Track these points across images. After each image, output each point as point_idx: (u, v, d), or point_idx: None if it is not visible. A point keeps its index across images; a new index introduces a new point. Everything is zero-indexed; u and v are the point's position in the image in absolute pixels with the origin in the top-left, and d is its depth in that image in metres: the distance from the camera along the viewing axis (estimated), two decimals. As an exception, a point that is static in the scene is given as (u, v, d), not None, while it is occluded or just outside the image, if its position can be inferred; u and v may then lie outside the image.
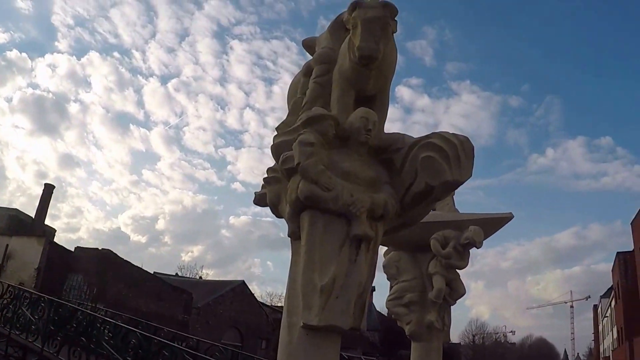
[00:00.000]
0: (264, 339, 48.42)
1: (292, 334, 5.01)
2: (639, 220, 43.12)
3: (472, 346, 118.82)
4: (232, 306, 45.48)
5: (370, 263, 5.11)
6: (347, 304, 4.84)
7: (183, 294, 39.88)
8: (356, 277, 4.90)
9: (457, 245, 9.85)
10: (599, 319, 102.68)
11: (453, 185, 5.23)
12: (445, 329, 10.40)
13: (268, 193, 5.89)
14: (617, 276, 57.03)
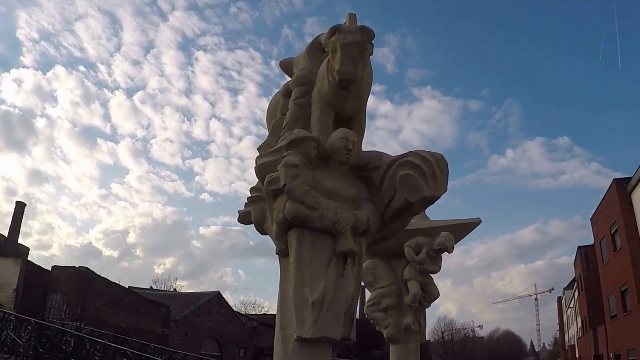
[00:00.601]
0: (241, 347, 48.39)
1: (287, 347, 5.18)
2: (597, 216, 43.92)
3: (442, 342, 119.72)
4: (210, 317, 45.32)
5: (357, 276, 5.30)
6: (337, 316, 5.03)
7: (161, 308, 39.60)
8: (344, 290, 5.10)
9: (429, 251, 10.09)
10: (563, 310, 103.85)
11: (430, 201, 5.45)
12: (421, 331, 10.63)
13: (253, 211, 6.05)
14: (579, 269, 58.10)
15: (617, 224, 38.06)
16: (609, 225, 40.10)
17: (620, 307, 39.32)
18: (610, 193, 39.36)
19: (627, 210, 36.41)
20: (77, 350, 11.60)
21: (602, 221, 42.32)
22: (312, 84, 5.74)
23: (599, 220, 43.59)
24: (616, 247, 39.31)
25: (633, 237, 35.68)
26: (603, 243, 43.15)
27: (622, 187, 37.15)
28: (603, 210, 42.10)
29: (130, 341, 13.80)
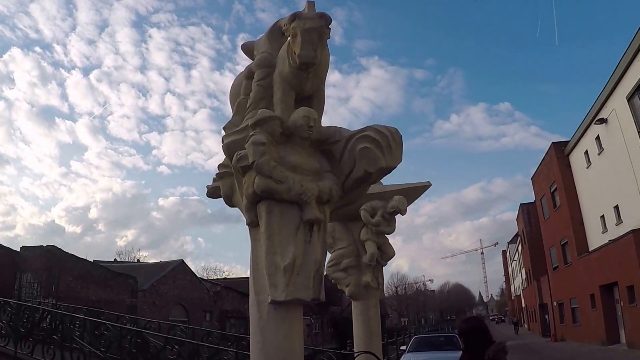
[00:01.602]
0: (207, 311, 48.61)
1: (262, 311, 5.47)
2: (538, 176, 44.77)
3: (396, 297, 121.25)
4: (175, 285, 45.35)
5: (323, 242, 5.61)
6: (307, 279, 5.33)
7: (128, 279, 39.38)
8: (312, 255, 5.40)
9: (384, 213, 10.45)
10: (508, 262, 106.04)
11: (387, 171, 5.74)
12: (380, 287, 11.01)
13: (222, 186, 6.28)
14: (522, 224, 59.40)
15: (557, 183, 38.99)
16: (549, 185, 41.04)
17: (561, 259, 40.47)
18: (550, 155, 40.16)
19: (565, 170, 37.33)
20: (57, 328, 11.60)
21: (542, 180, 43.28)
22: (274, 66, 5.92)
23: (539, 179, 44.54)
24: (556, 205, 40.31)
25: (571, 195, 36.67)
26: (544, 201, 44.12)
27: (560, 150, 37.93)
28: (543, 170, 43.05)
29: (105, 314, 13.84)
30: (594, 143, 31.90)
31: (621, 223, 29.14)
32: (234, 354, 8.98)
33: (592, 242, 34.31)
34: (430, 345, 20.89)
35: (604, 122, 29.63)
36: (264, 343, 5.39)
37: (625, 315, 27.94)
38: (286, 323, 5.41)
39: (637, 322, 26.00)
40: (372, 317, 10.86)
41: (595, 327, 32.67)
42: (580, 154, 35.02)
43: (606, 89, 28.72)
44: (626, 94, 26.23)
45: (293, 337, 5.45)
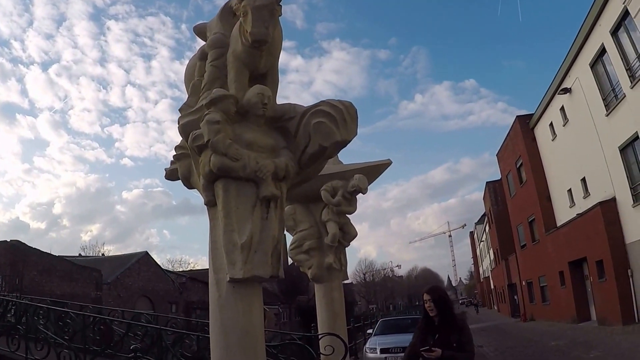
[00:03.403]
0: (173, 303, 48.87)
1: (221, 289, 5.66)
2: (503, 151, 44.99)
3: (364, 284, 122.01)
4: (140, 277, 45.62)
5: (280, 218, 5.83)
6: (265, 256, 5.55)
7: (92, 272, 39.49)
8: (269, 232, 5.61)
9: (345, 193, 10.69)
10: (476, 244, 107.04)
11: (342, 144, 5.95)
12: (343, 269, 11.26)
13: (179, 168, 6.44)
14: (489, 203, 59.87)
15: (522, 158, 39.43)
16: (515, 160, 41.48)
17: (529, 237, 41.10)
18: (514, 129, 40.56)
19: (531, 144, 37.74)
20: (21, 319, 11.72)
21: (508, 156, 43.78)
22: (226, 46, 6.08)
23: (504, 155, 45.08)
24: (522, 180, 40.80)
25: (537, 169, 37.13)
26: (509, 177, 44.69)
27: (525, 123, 38.33)
28: (508, 145, 43.49)
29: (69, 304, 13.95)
30: (559, 114, 32.25)
31: (589, 196, 29.50)
32: (196, 338, 9.13)
33: (560, 217, 34.74)
34: (396, 328, 21.26)
35: (567, 91, 29.97)
36: (222, 321, 5.59)
37: (595, 291, 28.34)
38: (245, 301, 5.61)
39: (607, 298, 26.30)
40: (335, 299, 11.10)
41: (565, 305, 33.14)
42: (545, 126, 35.38)
43: (568, 57, 29.03)
44: (589, 61, 26.57)
45: (253, 315, 5.66)
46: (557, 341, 22.97)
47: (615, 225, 25.39)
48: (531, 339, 26.24)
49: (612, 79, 24.83)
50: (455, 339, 5.61)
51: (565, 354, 18.27)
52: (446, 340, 5.58)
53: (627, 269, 24.52)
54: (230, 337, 5.54)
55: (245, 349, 5.54)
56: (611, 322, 25.48)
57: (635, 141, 23.21)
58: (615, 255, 25.00)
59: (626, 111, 23.48)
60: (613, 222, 25.43)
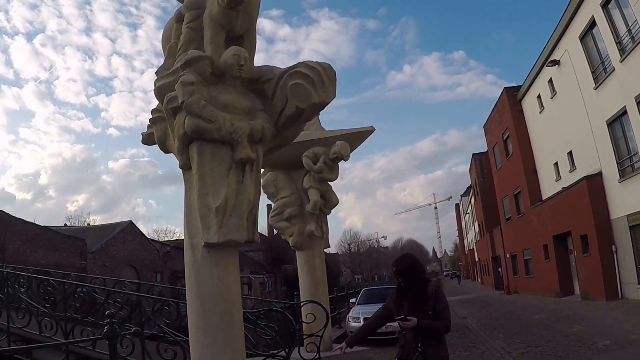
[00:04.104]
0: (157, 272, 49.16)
1: (196, 254, 5.61)
2: (490, 123, 44.90)
3: (349, 254, 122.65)
4: (124, 246, 45.88)
5: (256, 182, 5.77)
6: (240, 219, 5.49)
7: (77, 242, 39.58)
8: (245, 195, 5.55)
9: (326, 160, 10.66)
10: (461, 216, 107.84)
11: (320, 106, 5.87)
12: (324, 236, 11.28)
13: (155, 132, 6.35)
14: (475, 175, 59.98)
15: (509, 130, 39.40)
16: (501, 132, 41.43)
17: (514, 209, 41.26)
18: (501, 101, 40.41)
19: (518, 116, 37.64)
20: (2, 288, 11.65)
21: (495, 128, 43.70)
22: (203, 7, 5.95)
23: (491, 127, 45.04)
24: (508, 153, 40.82)
25: (524, 142, 37.13)
26: (496, 149, 44.67)
27: (512, 95, 38.13)
28: (495, 117, 43.40)
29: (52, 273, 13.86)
30: (547, 86, 32.12)
31: (575, 170, 29.54)
32: (175, 304, 9.10)
33: (546, 190, 34.82)
34: (379, 297, 21.32)
35: (556, 64, 29.79)
36: (198, 286, 5.56)
37: (579, 265, 28.51)
38: (221, 265, 5.56)
39: (590, 273, 26.47)
40: (317, 267, 11.14)
41: (548, 278, 33.39)
42: (532, 98, 35.25)
43: (558, 29, 28.79)
44: (578, 33, 26.41)
45: (229, 280, 5.62)
46: (540, 315, 23.00)
47: (600, 200, 25.48)
48: (514, 312, 26.37)
49: (602, 52, 24.69)
50: (430, 306, 5.56)
51: (548, 327, 18.33)
52: (421, 309, 5.53)
53: (612, 244, 24.69)
54: (206, 302, 5.51)
55: (221, 314, 5.50)
56: (594, 297, 25.70)
57: (623, 116, 23.15)
58: (600, 231, 25.13)
59: (615, 85, 23.40)
60: (598, 197, 25.53)
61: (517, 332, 18.16)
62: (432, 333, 5.51)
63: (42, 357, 10.44)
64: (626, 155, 23.61)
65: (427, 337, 5.49)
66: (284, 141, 6.36)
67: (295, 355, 9.46)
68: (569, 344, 14.23)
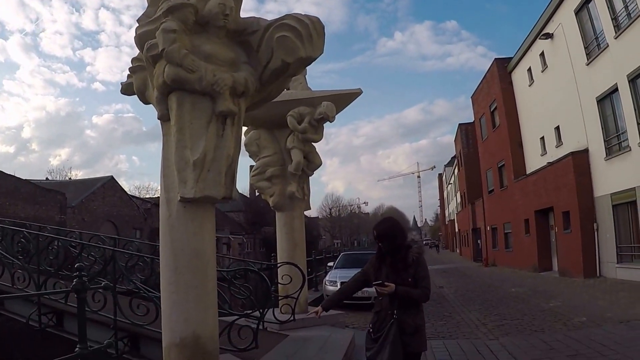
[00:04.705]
0: (137, 228, 49.13)
1: (171, 209, 5.47)
2: (478, 94, 44.66)
3: (330, 219, 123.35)
4: (105, 201, 45.76)
5: (236, 136, 5.60)
6: (218, 175, 5.34)
7: (57, 195, 39.42)
8: (224, 150, 5.39)
9: (312, 120, 10.47)
10: (444, 186, 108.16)
11: (307, 61, 5.67)
12: (305, 198, 11.14)
13: (134, 81, 6.08)
14: (460, 146, 59.86)
15: (497, 102, 39.17)
16: (489, 103, 41.26)
17: (497, 182, 41.27)
18: (491, 72, 40.16)
19: (507, 88, 37.40)
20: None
21: (483, 99, 43.51)
22: None
23: (479, 98, 44.89)
24: (495, 124, 40.67)
25: (511, 114, 36.94)
26: (482, 120, 44.57)
27: (502, 67, 37.86)
28: (483, 88, 43.21)
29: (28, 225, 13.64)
30: (538, 59, 31.85)
31: (561, 145, 29.45)
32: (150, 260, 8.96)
33: (531, 164, 34.74)
34: (357, 262, 21.28)
35: (549, 37, 29.49)
36: (172, 242, 5.44)
37: (559, 241, 28.60)
38: (196, 221, 5.44)
39: (570, 250, 26.54)
40: (296, 229, 11.05)
41: (527, 253, 33.47)
42: (523, 71, 34.99)
43: (553, 1, 28.42)
44: (574, 7, 26.04)
45: (203, 236, 5.51)
46: (517, 288, 23.14)
47: (585, 177, 25.46)
48: (491, 284, 26.50)
49: (597, 27, 24.38)
50: (410, 273, 5.41)
51: (525, 301, 18.42)
52: (400, 276, 5.39)
53: (593, 222, 24.77)
54: (180, 258, 5.40)
55: (194, 271, 5.41)
56: (572, 274, 25.81)
57: (614, 93, 23.02)
58: (583, 208, 25.20)
59: (607, 61, 23.22)
60: (583, 174, 25.49)
61: (493, 304, 18.24)
62: (409, 301, 5.38)
63: (14, 309, 10.39)
64: (614, 134, 23.53)
65: (404, 305, 5.36)
66: (268, 96, 6.18)
67: (270, 316, 9.42)
68: (545, 318, 14.28)
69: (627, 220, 22.48)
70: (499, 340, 11.72)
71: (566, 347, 10.31)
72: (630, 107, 21.44)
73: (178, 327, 5.40)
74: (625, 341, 10.32)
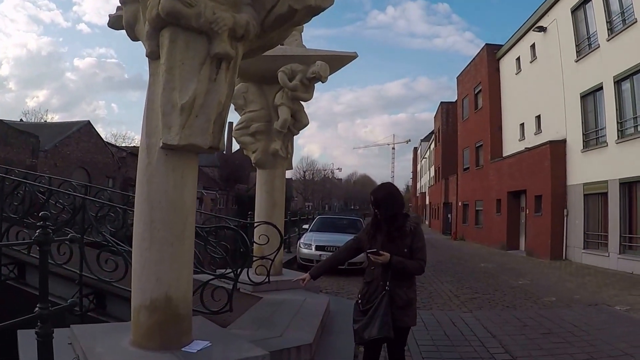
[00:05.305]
0: (110, 177, 48.09)
1: (151, 156, 4.83)
2: (464, 75, 44.85)
3: (303, 181, 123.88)
4: (79, 147, 44.21)
5: (230, 82, 4.93)
6: (207, 122, 4.69)
7: (30, 138, 37.74)
8: (216, 95, 4.72)
9: (303, 78, 9.90)
10: (418, 159, 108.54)
11: (315, 11, 4.99)
12: (288, 157, 10.62)
13: (124, 14, 5.29)
14: (439, 123, 60.27)
15: (482, 85, 39.19)
16: (474, 85, 41.25)
17: (473, 161, 41.50)
18: (480, 56, 40.12)
19: (494, 74, 37.48)
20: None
21: (468, 80, 43.44)
22: None
23: (465, 79, 44.75)
24: (477, 106, 40.74)
25: (494, 98, 37.01)
26: (465, 101, 44.53)
27: (492, 53, 37.84)
28: (470, 70, 43.13)
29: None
30: (529, 50, 31.86)
31: (540, 133, 29.76)
32: (122, 211, 8.27)
33: (507, 149, 35.11)
34: (333, 226, 21.08)
35: (543, 30, 29.44)
36: (149, 193, 4.82)
37: (529, 223, 29.25)
38: (177, 172, 4.82)
39: (538, 232, 27.36)
40: (276, 187, 10.54)
41: (497, 231, 34.21)
42: (511, 59, 35.01)
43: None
44: (572, 5, 25.95)
45: (184, 189, 4.89)
46: (486, 264, 23.53)
47: (560, 165, 26.03)
48: (461, 257, 27.04)
49: (590, 27, 24.44)
50: (407, 244, 5.01)
51: (494, 277, 18.60)
52: (396, 245, 4.98)
53: (564, 208, 25.56)
54: (156, 211, 4.78)
55: (171, 226, 4.79)
56: (539, 255, 26.62)
57: (598, 91, 23.36)
58: (555, 193, 25.89)
59: (596, 61, 23.41)
60: (559, 162, 26.06)
61: (464, 277, 18.44)
62: (403, 273, 4.98)
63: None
64: (593, 129, 24.05)
65: (397, 277, 4.96)
66: (268, 44, 5.51)
67: (244, 277, 8.89)
68: (515, 295, 14.44)
69: (597, 209, 23.26)
70: (473, 313, 11.67)
71: (539, 324, 10.33)
72: (612, 107, 21.87)
73: (149, 287, 4.80)
74: (596, 324, 10.39)
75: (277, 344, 6.31)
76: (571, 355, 8.07)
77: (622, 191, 20.98)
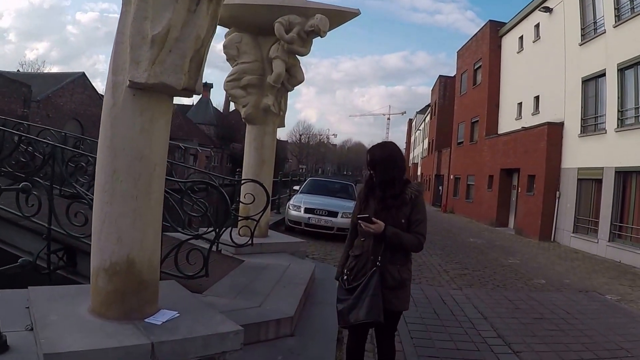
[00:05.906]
0: (104, 129, 47.13)
1: (117, 96, 4.07)
2: (465, 50, 44.12)
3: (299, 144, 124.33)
4: (73, 99, 42.58)
5: (213, 15, 4.12)
6: (181, 58, 3.93)
7: (22, 87, 36.02)
8: (194, 29, 3.95)
9: (301, 31, 9.22)
10: (412, 131, 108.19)
11: None
12: (281, 114, 9.92)
13: None
14: (436, 96, 59.56)
15: (482, 61, 38.42)
16: (474, 61, 40.46)
17: (468, 136, 40.78)
18: (483, 32, 39.18)
19: (495, 50, 36.63)
20: None
21: (469, 56, 42.55)
22: None
23: (465, 54, 43.85)
24: (476, 82, 39.96)
25: (494, 75, 36.28)
26: (464, 76, 43.65)
27: (495, 29, 36.96)
28: (472, 46, 42.20)
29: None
30: (533, 30, 30.97)
31: (537, 114, 29.14)
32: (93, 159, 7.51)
33: (503, 126, 34.48)
34: (324, 189, 20.32)
35: (549, 10, 28.46)
36: (112, 138, 4.06)
37: (520, 202, 28.84)
38: (146, 115, 4.05)
39: (529, 211, 27.01)
40: (266, 145, 9.85)
41: (487, 207, 33.79)
42: (514, 37, 34.14)
43: (560, -22, 27.43)
44: (581, -13, 25.10)
45: (153, 134, 4.11)
46: (475, 239, 23.12)
47: (556, 147, 25.49)
48: (450, 231, 26.63)
49: (597, 12, 23.48)
50: (405, 214, 4.18)
51: (484, 253, 18.16)
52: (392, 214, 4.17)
53: (557, 190, 25.20)
54: (120, 159, 4.04)
55: (136, 178, 4.06)
56: (527, 234, 26.35)
57: (600, 77, 22.55)
58: (549, 175, 25.47)
59: (601, 47, 22.55)
60: (555, 144, 25.53)
61: (453, 251, 17.96)
62: (398, 247, 4.16)
63: None
64: (592, 115, 23.34)
65: (390, 252, 4.16)
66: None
67: (226, 237, 8.20)
68: (505, 274, 13.95)
69: (590, 195, 22.79)
70: (463, 291, 11.13)
71: (530, 308, 9.86)
72: (614, 94, 21.11)
73: (109, 247, 4.08)
74: (588, 312, 9.92)
75: (254, 315, 5.68)
76: (566, 345, 7.49)
77: (617, 179, 20.46)
